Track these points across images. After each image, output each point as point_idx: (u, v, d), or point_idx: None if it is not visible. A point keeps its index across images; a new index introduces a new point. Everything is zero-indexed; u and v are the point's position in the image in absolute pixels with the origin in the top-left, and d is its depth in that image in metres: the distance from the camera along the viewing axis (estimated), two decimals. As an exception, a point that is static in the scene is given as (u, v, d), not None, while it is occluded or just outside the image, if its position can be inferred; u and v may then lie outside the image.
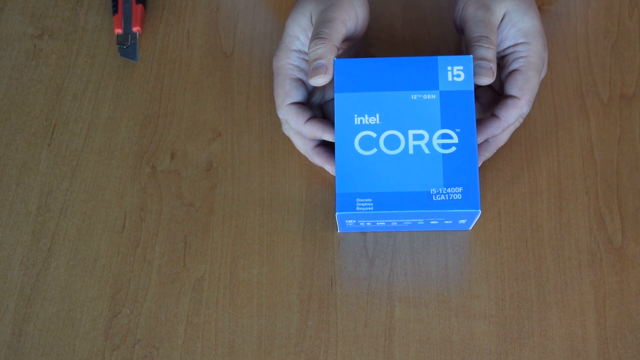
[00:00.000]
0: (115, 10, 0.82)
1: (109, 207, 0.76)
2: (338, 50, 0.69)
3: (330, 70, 0.68)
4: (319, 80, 0.68)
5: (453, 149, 0.66)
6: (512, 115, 0.70)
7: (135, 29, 0.82)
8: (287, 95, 0.70)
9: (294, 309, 0.72)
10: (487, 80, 0.68)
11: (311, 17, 0.70)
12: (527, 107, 0.70)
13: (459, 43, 0.81)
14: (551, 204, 0.74)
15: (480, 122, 0.70)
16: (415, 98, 0.67)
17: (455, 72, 0.68)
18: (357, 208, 0.66)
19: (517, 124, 0.73)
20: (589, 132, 0.77)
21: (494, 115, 0.70)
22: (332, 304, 0.72)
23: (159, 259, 0.74)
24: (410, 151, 0.66)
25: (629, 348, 0.69)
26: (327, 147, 0.73)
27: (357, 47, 0.76)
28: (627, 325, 0.70)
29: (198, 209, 0.75)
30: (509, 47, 0.71)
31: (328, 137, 0.69)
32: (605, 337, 0.70)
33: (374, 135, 0.67)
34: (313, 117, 0.70)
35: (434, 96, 0.67)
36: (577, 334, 0.70)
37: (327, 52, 0.68)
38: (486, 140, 0.72)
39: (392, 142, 0.67)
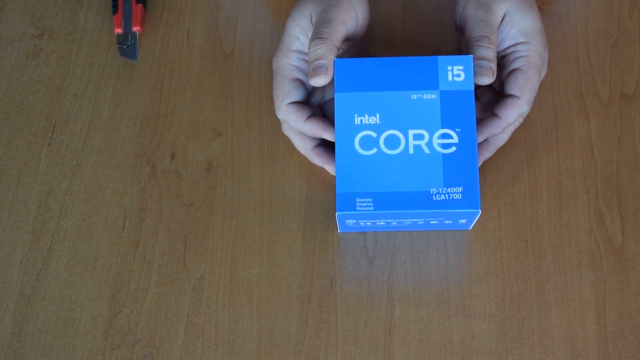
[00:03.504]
0: (115, 10, 0.82)
1: (109, 207, 0.76)
2: (338, 50, 0.69)
3: (331, 71, 0.68)
4: (319, 81, 0.68)
5: (453, 148, 0.66)
6: (511, 115, 0.70)
7: (135, 28, 0.82)
8: (285, 96, 0.70)
9: (294, 308, 0.72)
10: (487, 80, 0.68)
11: (311, 18, 0.70)
12: (527, 106, 0.70)
13: (459, 43, 0.81)
14: (551, 204, 0.74)
15: (480, 121, 0.70)
16: (415, 98, 0.67)
17: (456, 72, 0.68)
18: (357, 208, 0.66)
19: (517, 124, 0.73)
20: (589, 132, 0.77)
21: (493, 115, 0.70)
22: (332, 303, 0.72)
23: (159, 259, 0.74)
24: (411, 151, 0.66)
25: (629, 348, 0.70)
26: (327, 147, 0.73)
27: (357, 47, 0.76)
28: (627, 325, 0.70)
29: (198, 209, 0.75)
30: (509, 47, 0.71)
31: (328, 136, 0.69)
32: (605, 337, 0.70)
33: (374, 135, 0.67)
34: (313, 115, 0.70)
35: (434, 96, 0.67)
36: (577, 333, 0.70)
37: (327, 52, 0.68)
38: (486, 140, 0.72)
39: (392, 142, 0.67)
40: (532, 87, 0.70)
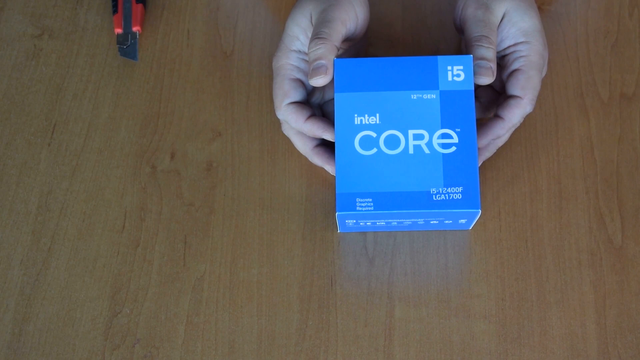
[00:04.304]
0: (115, 9, 0.82)
1: (109, 207, 0.76)
2: (338, 50, 0.69)
3: (330, 71, 0.68)
4: (319, 81, 0.68)
5: (453, 148, 0.66)
6: (515, 115, 0.70)
7: (135, 28, 0.82)
8: (285, 96, 0.70)
9: (294, 308, 0.72)
10: (486, 80, 0.68)
11: (311, 18, 0.70)
12: (530, 106, 0.70)
13: (459, 43, 0.81)
14: (551, 204, 0.74)
15: (484, 123, 0.70)
16: (415, 98, 0.67)
17: (455, 72, 0.68)
18: (357, 208, 0.66)
19: (518, 123, 0.73)
20: (589, 132, 0.77)
21: (497, 116, 0.70)
22: (332, 303, 0.72)
23: (159, 259, 0.74)
24: (411, 151, 0.66)
25: (629, 348, 0.70)
26: (327, 147, 0.73)
27: (357, 47, 0.75)
28: (627, 324, 0.70)
29: (198, 209, 0.75)
30: (509, 47, 0.71)
31: (328, 136, 0.69)
32: (605, 337, 0.70)
33: (374, 135, 0.67)
34: (313, 115, 0.70)
35: (434, 96, 0.67)
36: (577, 333, 0.70)
37: (327, 53, 0.68)
38: (486, 139, 0.72)
39: (392, 142, 0.67)
40: (534, 86, 0.70)
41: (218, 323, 0.71)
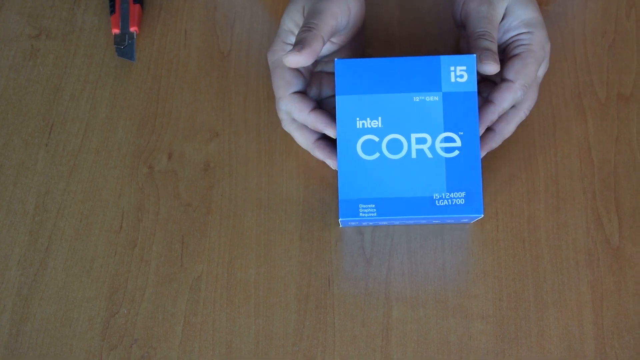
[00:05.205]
0: (112, 10, 0.82)
1: (107, 207, 0.75)
2: (324, 41, 0.68)
3: (306, 50, 0.66)
4: (294, 59, 0.66)
5: (456, 152, 0.66)
6: (505, 99, 0.69)
7: (132, 29, 0.82)
8: (289, 84, 0.70)
9: (291, 309, 0.72)
10: (491, 67, 0.67)
11: (304, 11, 0.70)
12: (521, 91, 0.69)
13: (456, 43, 0.81)
14: (549, 204, 0.75)
15: None
16: (417, 100, 0.67)
17: (459, 73, 0.67)
18: (360, 214, 0.66)
19: (523, 115, 0.72)
20: (587, 132, 0.77)
21: (488, 100, 0.70)
22: (330, 303, 0.72)
23: (157, 259, 0.74)
24: (413, 155, 0.66)
25: (626, 348, 0.70)
26: (329, 140, 0.72)
27: (354, 47, 0.75)
28: (624, 325, 0.70)
29: (195, 209, 0.75)
30: (511, 37, 0.71)
31: (330, 132, 0.69)
32: (603, 337, 0.70)
33: (376, 139, 0.67)
34: (317, 108, 0.70)
35: (436, 98, 0.67)
36: (574, 333, 0.70)
37: (310, 38, 0.66)
38: (492, 131, 0.71)
39: (394, 146, 0.66)
40: (528, 73, 0.69)
41: (215, 323, 0.71)
